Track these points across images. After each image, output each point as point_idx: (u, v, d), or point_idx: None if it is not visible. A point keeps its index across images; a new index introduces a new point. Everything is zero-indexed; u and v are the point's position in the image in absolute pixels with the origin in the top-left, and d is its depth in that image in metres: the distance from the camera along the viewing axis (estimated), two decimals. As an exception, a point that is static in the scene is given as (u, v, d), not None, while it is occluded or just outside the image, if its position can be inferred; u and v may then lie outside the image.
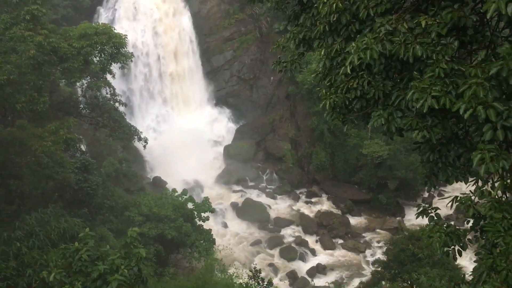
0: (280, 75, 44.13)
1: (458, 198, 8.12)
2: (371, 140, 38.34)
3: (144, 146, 31.27)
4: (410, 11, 7.76)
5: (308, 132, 43.26)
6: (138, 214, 27.31)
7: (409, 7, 7.85)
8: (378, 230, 38.08)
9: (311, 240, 36.94)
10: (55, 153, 19.72)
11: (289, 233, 37.57)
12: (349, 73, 8.16)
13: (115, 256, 12.43)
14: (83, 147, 31.17)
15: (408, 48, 7.30)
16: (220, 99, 47.66)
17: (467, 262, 26.96)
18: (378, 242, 36.61)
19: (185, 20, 46.42)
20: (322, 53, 8.93)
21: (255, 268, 22.41)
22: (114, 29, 25.52)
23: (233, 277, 22.44)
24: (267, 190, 41.86)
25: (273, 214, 39.25)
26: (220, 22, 47.63)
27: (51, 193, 21.87)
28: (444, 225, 8.21)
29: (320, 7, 8.55)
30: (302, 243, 36.43)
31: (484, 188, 7.93)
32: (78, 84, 26.74)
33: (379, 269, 26.03)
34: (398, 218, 38.71)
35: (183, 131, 44.01)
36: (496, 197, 7.58)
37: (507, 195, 7.87)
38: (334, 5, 8.26)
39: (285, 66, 10.91)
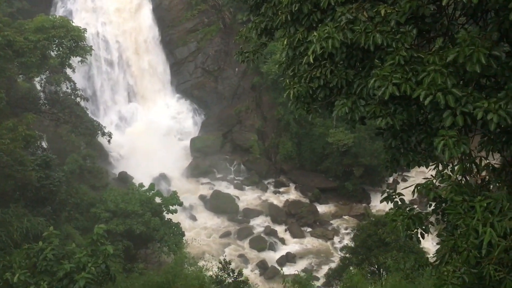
0: (245, 66, 44.07)
1: (420, 184, 8.30)
2: (336, 129, 38.86)
3: (109, 141, 30.72)
4: (369, 0, 7.84)
5: (274, 122, 43.44)
6: (105, 210, 26.86)
7: (369, -4, 7.92)
8: (345, 217, 38.77)
9: (280, 229, 37.26)
10: (14, 150, 19.08)
11: (258, 224, 37.78)
12: (312, 62, 8.20)
13: (81, 254, 12.23)
14: (44, 144, 30.36)
15: (368, 37, 7.38)
16: (185, 92, 47.19)
17: (430, 244, 27.82)
18: (346, 228, 37.29)
19: (147, 13, 45.62)
20: (285, 43, 8.94)
21: (225, 259, 22.45)
22: (72, 22, 24.82)
23: (203, 269, 22.40)
24: (235, 181, 41.90)
25: (241, 205, 39.36)
26: (182, 13, 47.02)
27: (12, 193, 21.21)
28: (407, 209, 8.40)
29: (282, -4, 8.56)
30: (271, 232, 36.70)
31: (444, 172, 8.15)
32: (36, 79, 25.95)
33: (347, 255, 26.55)
34: (364, 205, 39.50)
35: (148, 125, 43.45)
36: (456, 180, 7.81)
37: (467, 178, 8.13)
38: (295, -6, 8.28)
39: (247, 56, 10.86)
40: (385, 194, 8.99)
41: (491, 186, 7.95)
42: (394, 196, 8.97)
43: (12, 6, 39.65)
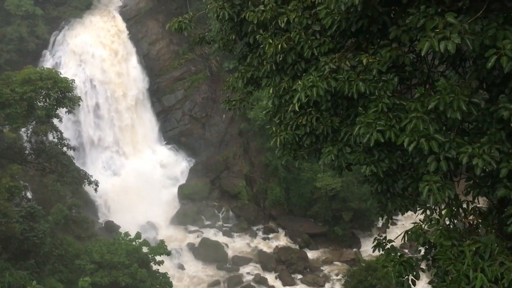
0: (232, 112, 44.50)
1: (409, 229, 8.30)
2: (324, 173, 38.91)
3: (95, 190, 30.29)
4: (351, 50, 8.09)
5: (262, 167, 43.43)
6: (90, 262, 26.16)
7: (350, 46, 8.19)
8: (336, 262, 38.21)
9: (270, 277, 36.50)
10: (-2, 202, 18.75)
11: (248, 271, 36.99)
12: (298, 110, 8.35)
13: (64, 310, 11.81)
14: (29, 195, 29.88)
15: (351, 85, 7.57)
16: (172, 139, 47.26)
17: (423, 289, 27.39)
18: (337, 274, 36.66)
19: (134, 62, 46.27)
20: (271, 91, 9.13)
21: (214, 310, 21.84)
22: (60, 73, 25.01)
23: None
24: (224, 228, 41.32)
25: (230, 253, 38.66)
26: (170, 62, 47.80)
27: (-6, 246, 20.67)
28: (398, 255, 8.35)
29: (266, 47, 8.80)
30: (261, 281, 35.92)
31: (432, 216, 8.17)
32: (22, 129, 25.83)
33: (339, 302, 25.99)
34: (354, 250, 39.06)
35: (136, 173, 43.11)
36: (445, 224, 7.82)
37: (455, 222, 8.14)
38: (280, 45, 8.52)
39: (234, 104, 11.03)
40: (376, 242, 8.96)
41: (479, 230, 7.97)
42: (384, 243, 8.94)
43: (0, 58, 40.02)
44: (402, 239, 8.42)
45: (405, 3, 7.34)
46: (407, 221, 38.08)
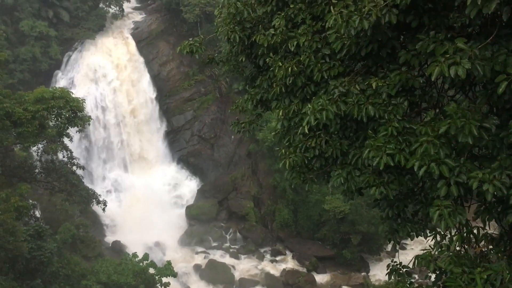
0: (241, 134, 44.55)
1: (419, 255, 8.17)
2: (332, 196, 38.66)
3: (103, 209, 30.30)
4: (361, 73, 8.12)
5: (270, 189, 43.28)
6: (96, 282, 26.01)
7: (360, 70, 8.23)
8: (344, 286, 37.64)
9: (277, 300, 36.03)
10: (6, 221, 18.78)
11: (255, 294, 36.57)
12: (307, 133, 8.35)
13: (70, 331, 11.71)
14: (37, 213, 29.95)
15: (361, 108, 7.58)
16: (181, 159, 47.39)
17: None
18: (345, 299, 36.10)
19: (145, 83, 46.79)
20: (280, 113, 9.15)
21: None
22: (72, 93, 25.34)
23: None
24: (231, 250, 41.02)
25: (237, 275, 38.27)
26: (179, 83, 48.25)
27: (1, 265, 20.63)
28: (408, 283, 8.22)
29: (276, 70, 8.86)
30: (268, 304, 35.46)
31: (442, 242, 8.05)
32: (33, 148, 26.05)
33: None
34: (363, 274, 38.50)
35: (143, 193, 43.16)
36: (455, 251, 7.70)
37: (465, 248, 8.01)
38: (290, 68, 8.58)
39: (244, 127, 11.06)
40: (390, 267, 8.80)
41: (490, 256, 7.83)
42: (400, 269, 8.78)
43: (14, 78, 40.64)
44: (412, 265, 8.29)
45: (415, 28, 7.39)
46: (416, 245, 37.58)
